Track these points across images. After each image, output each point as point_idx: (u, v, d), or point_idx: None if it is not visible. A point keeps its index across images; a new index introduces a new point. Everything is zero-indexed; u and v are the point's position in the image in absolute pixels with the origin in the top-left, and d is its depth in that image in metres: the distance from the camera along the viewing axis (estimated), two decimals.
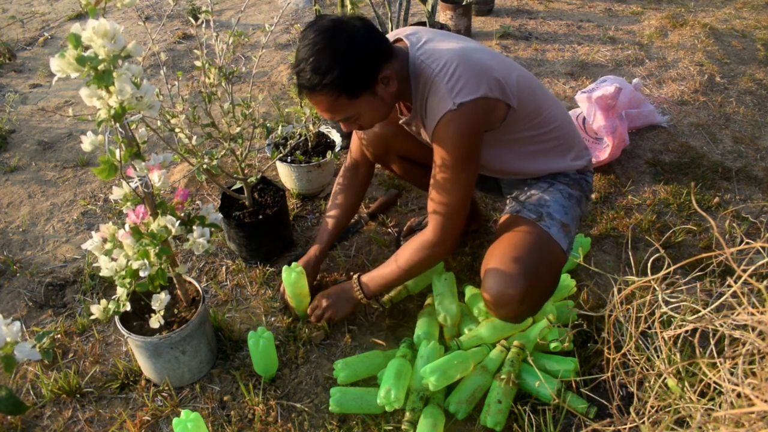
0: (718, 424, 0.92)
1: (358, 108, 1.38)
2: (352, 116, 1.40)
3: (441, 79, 1.36)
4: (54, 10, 4.16)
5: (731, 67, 3.26)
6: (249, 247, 1.89)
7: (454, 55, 1.38)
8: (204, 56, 1.59)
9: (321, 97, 1.33)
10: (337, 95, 1.32)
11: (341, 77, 1.30)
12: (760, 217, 2.14)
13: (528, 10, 4.04)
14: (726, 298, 0.93)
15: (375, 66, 1.34)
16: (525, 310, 1.44)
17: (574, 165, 1.61)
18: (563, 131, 1.59)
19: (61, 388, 1.54)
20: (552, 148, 1.58)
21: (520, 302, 1.38)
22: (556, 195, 1.56)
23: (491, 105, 1.40)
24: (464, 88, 1.34)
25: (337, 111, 1.38)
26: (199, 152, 1.62)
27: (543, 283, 1.44)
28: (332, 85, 1.30)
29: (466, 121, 1.36)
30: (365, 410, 1.47)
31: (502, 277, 1.40)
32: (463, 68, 1.36)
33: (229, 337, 1.68)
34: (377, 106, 1.40)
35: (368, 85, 1.34)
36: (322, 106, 1.37)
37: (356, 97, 1.34)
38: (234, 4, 4.16)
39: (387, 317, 1.74)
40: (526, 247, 1.44)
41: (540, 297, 1.46)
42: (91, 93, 1.07)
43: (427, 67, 1.39)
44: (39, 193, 2.33)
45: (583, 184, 1.64)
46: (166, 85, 1.67)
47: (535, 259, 1.42)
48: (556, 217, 1.51)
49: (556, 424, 1.41)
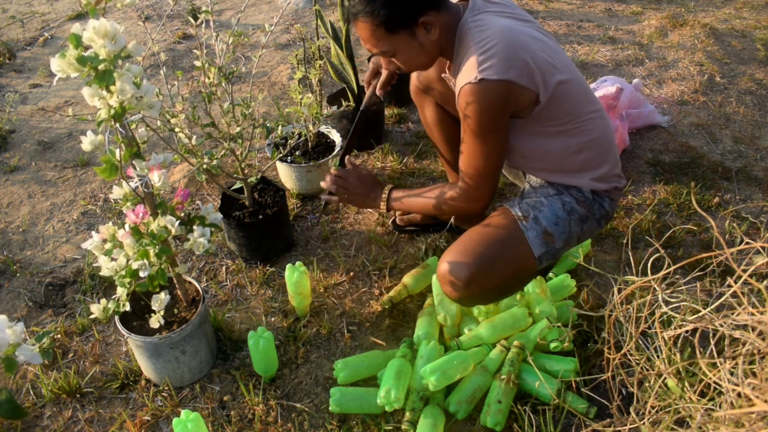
0: (718, 424, 0.92)
1: (394, 44, 1.42)
2: (388, 51, 1.45)
3: (476, 51, 1.37)
4: (54, 10, 4.16)
5: (731, 67, 3.26)
6: (249, 247, 1.89)
7: (499, 32, 1.38)
8: (204, 56, 1.59)
9: (361, 23, 1.40)
10: (375, 25, 1.38)
11: (382, 8, 1.35)
12: (760, 217, 2.14)
13: (528, 10, 4.04)
14: (726, 298, 0.93)
15: (418, 8, 1.38)
16: (467, 297, 1.47)
17: (592, 184, 1.53)
18: (596, 150, 1.52)
19: (61, 388, 1.55)
20: (573, 158, 1.51)
21: (465, 286, 1.42)
22: (555, 204, 1.52)
23: (516, 91, 1.37)
24: (493, 66, 1.34)
25: (373, 42, 1.43)
26: (199, 152, 1.62)
27: (495, 278, 1.45)
28: (372, 14, 1.36)
29: (484, 98, 1.36)
30: (365, 410, 1.47)
31: (457, 255, 1.44)
32: (501, 47, 1.35)
33: (229, 337, 1.68)
34: (415, 49, 1.44)
35: (407, 24, 1.39)
36: (362, 33, 1.42)
37: (393, 33, 1.40)
38: (234, 4, 4.16)
39: (387, 317, 1.74)
40: (491, 239, 1.47)
41: (489, 290, 1.48)
42: (93, 93, 1.07)
43: (471, 34, 1.40)
44: (39, 193, 2.33)
45: (594, 207, 1.55)
46: (166, 85, 1.66)
47: (494, 253, 1.45)
48: (542, 223, 1.49)
49: (556, 424, 1.41)
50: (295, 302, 1.71)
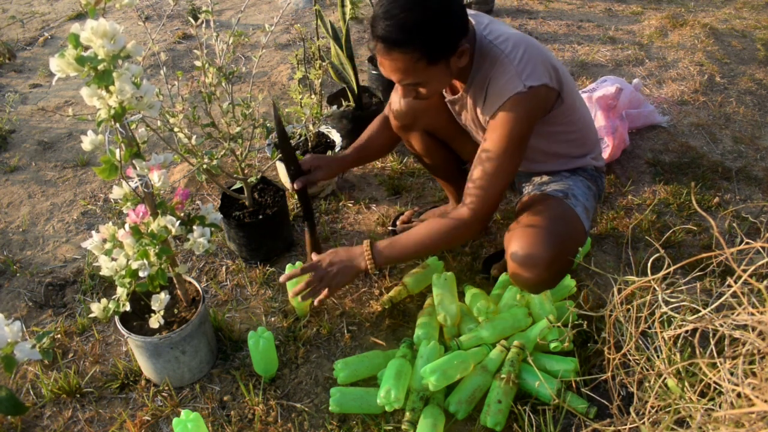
0: (718, 424, 0.92)
1: (430, 75, 1.36)
2: (420, 83, 1.38)
3: (511, 61, 1.37)
4: (54, 10, 4.16)
5: (731, 67, 3.26)
6: (249, 247, 1.89)
7: (521, 40, 1.40)
8: (204, 56, 1.59)
9: (399, 55, 1.29)
10: (417, 58, 1.29)
11: (428, 40, 1.28)
12: (760, 217, 2.14)
13: (528, 10, 4.04)
14: (726, 298, 0.93)
15: (458, 37, 1.33)
16: (549, 278, 1.45)
17: (593, 162, 1.66)
18: (588, 132, 1.63)
19: (61, 388, 1.54)
20: (579, 146, 1.62)
21: (547, 266, 1.40)
22: (578, 182, 1.61)
23: (550, 94, 1.42)
24: (533, 72, 1.36)
25: (409, 74, 1.34)
26: (199, 152, 1.62)
27: (567, 254, 1.44)
28: (416, 46, 1.28)
29: (531, 103, 1.38)
30: (365, 410, 1.47)
31: (531, 240, 1.41)
32: (531, 53, 1.37)
33: (229, 337, 1.68)
34: (445, 78, 1.40)
35: (448, 54, 1.33)
36: (395, 65, 1.32)
37: (434, 64, 1.33)
38: (234, 4, 4.16)
39: (387, 317, 1.74)
40: (554, 218, 1.47)
41: (563, 269, 1.48)
42: (91, 92, 1.07)
43: (495, 47, 1.39)
44: (39, 193, 2.33)
45: (599, 182, 1.68)
46: (166, 85, 1.66)
47: (563, 229, 1.45)
48: (581, 199, 1.55)
49: (556, 424, 1.41)
50: (294, 302, 1.71)
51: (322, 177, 1.71)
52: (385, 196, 2.25)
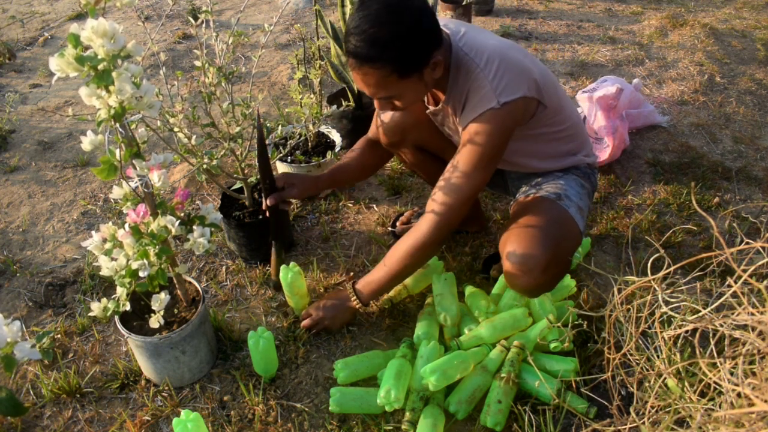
0: (718, 424, 0.92)
1: (403, 89, 1.36)
2: (394, 96, 1.39)
3: (486, 76, 1.37)
4: (54, 10, 4.16)
5: (731, 67, 3.26)
6: (249, 247, 1.89)
7: (495, 52, 1.39)
8: (204, 56, 1.59)
9: (370, 70, 1.30)
10: (389, 72, 1.30)
11: (399, 55, 1.28)
12: (760, 217, 2.14)
13: (528, 10, 4.04)
14: (726, 298, 0.93)
15: (430, 49, 1.33)
16: (546, 281, 1.44)
17: (585, 160, 1.66)
18: (577, 129, 1.63)
19: (61, 388, 1.54)
20: (568, 144, 1.62)
21: (544, 269, 1.39)
22: (571, 182, 1.60)
23: (529, 104, 1.42)
24: (507, 87, 1.36)
25: (382, 88, 1.35)
26: (199, 152, 1.62)
27: (563, 257, 1.44)
28: (387, 61, 1.29)
29: (505, 120, 1.38)
30: (365, 410, 1.47)
31: (527, 243, 1.41)
32: (506, 66, 1.37)
33: (229, 337, 1.68)
34: (419, 90, 1.41)
35: (420, 68, 1.34)
36: (367, 80, 1.34)
37: (406, 78, 1.33)
38: (234, 4, 4.16)
39: (387, 317, 1.74)
40: (549, 221, 1.47)
41: (559, 273, 1.47)
42: (90, 92, 1.07)
43: (470, 60, 1.39)
44: (39, 193, 2.33)
45: (592, 179, 1.68)
46: (166, 85, 1.67)
47: (558, 232, 1.44)
48: (574, 200, 1.55)
49: (556, 424, 1.41)
50: (292, 302, 1.71)
51: (295, 195, 1.71)
52: (385, 196, 2.25)
